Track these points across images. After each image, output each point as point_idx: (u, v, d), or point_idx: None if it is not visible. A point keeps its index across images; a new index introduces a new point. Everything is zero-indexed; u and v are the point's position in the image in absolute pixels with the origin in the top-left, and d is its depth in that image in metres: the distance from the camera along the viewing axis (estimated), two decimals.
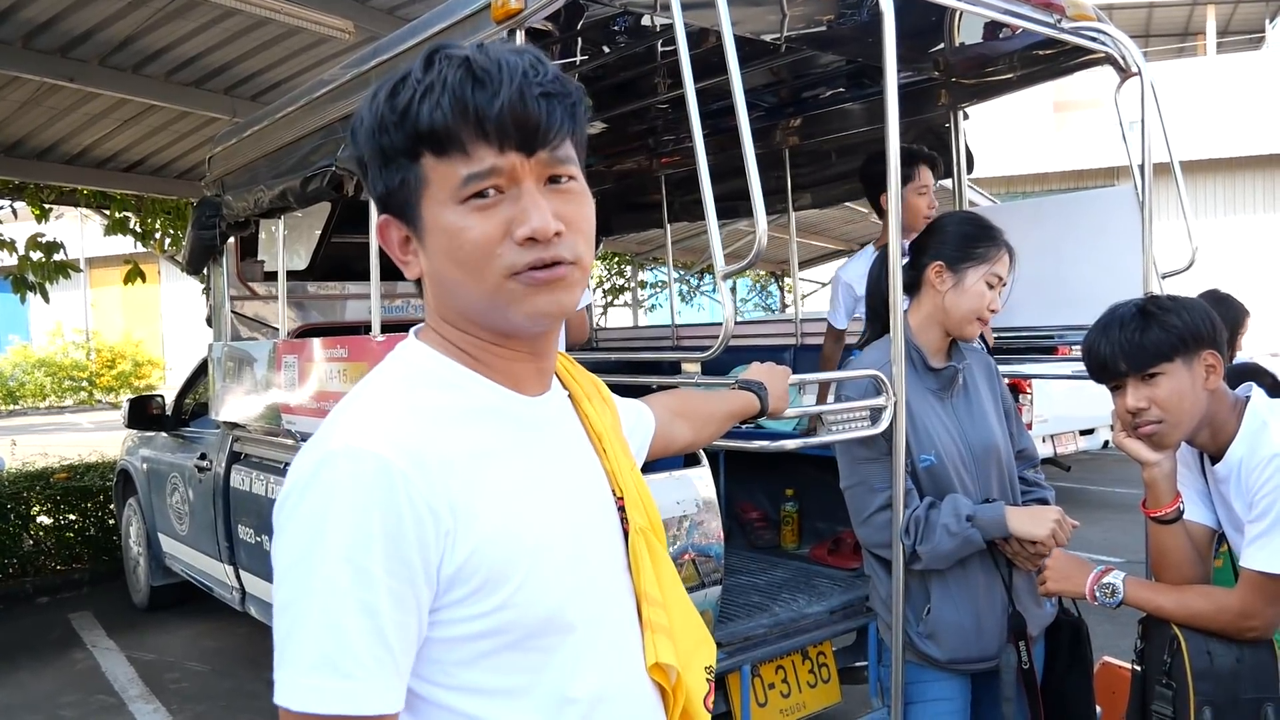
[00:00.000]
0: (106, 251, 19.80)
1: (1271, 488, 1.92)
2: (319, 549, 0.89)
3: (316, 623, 0.88)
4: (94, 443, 9.32)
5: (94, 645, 5.66)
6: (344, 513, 0.90)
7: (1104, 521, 7.55)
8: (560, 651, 1.00)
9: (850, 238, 10.01)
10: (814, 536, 4.16)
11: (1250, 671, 1.97)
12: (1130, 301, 2.12)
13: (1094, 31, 3.08)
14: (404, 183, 0.99)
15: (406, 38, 3.08)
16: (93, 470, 7.40)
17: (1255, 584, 1.95)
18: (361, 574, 0.88)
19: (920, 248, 2.43)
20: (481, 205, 0.97)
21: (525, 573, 0.97)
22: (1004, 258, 2.36)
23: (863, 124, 4.32)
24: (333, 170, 3.31)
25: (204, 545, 4.92)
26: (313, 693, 0.87)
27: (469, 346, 1.05)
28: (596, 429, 1.18)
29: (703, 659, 1.18)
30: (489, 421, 1.03)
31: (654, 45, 3.53)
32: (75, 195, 7.36)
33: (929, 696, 2.35)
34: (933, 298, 2.37)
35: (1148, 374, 2.01)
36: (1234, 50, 19.34)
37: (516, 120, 0.95)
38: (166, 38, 5.18)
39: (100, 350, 23.58)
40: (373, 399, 1.01)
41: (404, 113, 0.96)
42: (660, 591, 1.13)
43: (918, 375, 2.37)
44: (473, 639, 0.96)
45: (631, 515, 1.14)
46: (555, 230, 0.97)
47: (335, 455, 0.93)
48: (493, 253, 0.97)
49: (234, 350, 4.55)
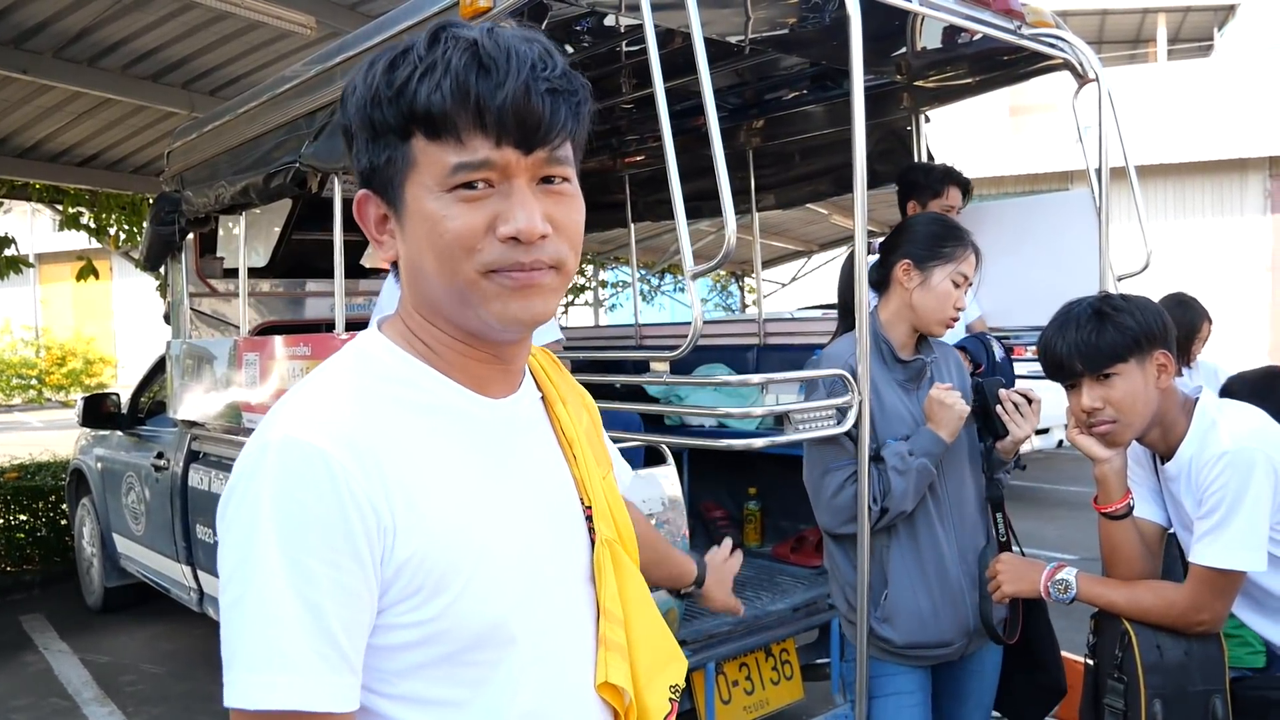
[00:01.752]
0: (57, 247, 19.45)
1: (1220, 485, 1.97)
2: (257, 546, 0.86)
3: (260, 620, 0.85)
4: (44, 441, 9.15)
5: (46, 648, 5.55)
6: (280, 507, 0.87)
7: (1060, 519, 7.68)
8: (502, 665, 0.96)
9: (811, 238, 10.08)
10: (777, 535, 4.20)
11: (1199, 665, 2.02)
12: (1084, 300, 2.16)
13: (1053, 38, 3.14)
14: (390, 161, 0.95)
15: (373, 34, 3.07)
16: (44, 469, 7.26)
17: (1204, 579, 2.00)
18: (300, 570, 0.85)
19: (889, 246, 2.49)
20: (468, 196, 0.93)
21: (465, 582, 0.93)
22: (970, 258, 2.42)
23: (826, 126, 4.36)
24: (297, 167, 3.28)
25: (161, 545, 4.85)
26: (262, 689, 0.84)
27: (432, 340, 1.01)
28: (568, 435, 1.13)
29: (669, 678, 1.13)
30: (441, 421, 0.99)
31: (619, 45, 3.54)
32: (27, 190, 7.21)
33: (890, 690, 2.39)
34: (900, 295, 2.43)
35: (1103, 374, 2.06)
36: (1184, 57, 19.74)
37: (518, 115, 0.91)
38: (124, 30, 5.10)
39: (50, 348, 23.12)
40: (318, 389, 0.97)
41: (400, 89, 0.92)
42: (623, 607, 1.08)
43: (886, 367, 2.42)
44: (410, 647, 0.92)
45: (598, 526, 1.09)
46: (541, 233, 0.94)
47: (272, 446, 0.89)
48: (472, 246, 0.93)
49: (193, 348, 4.49)
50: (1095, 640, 2.19)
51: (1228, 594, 2.01)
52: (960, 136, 14.02)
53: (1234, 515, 1.94)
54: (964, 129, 14.51)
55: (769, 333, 4.84)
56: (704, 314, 1.89)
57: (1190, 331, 4.11)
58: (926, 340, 2.51)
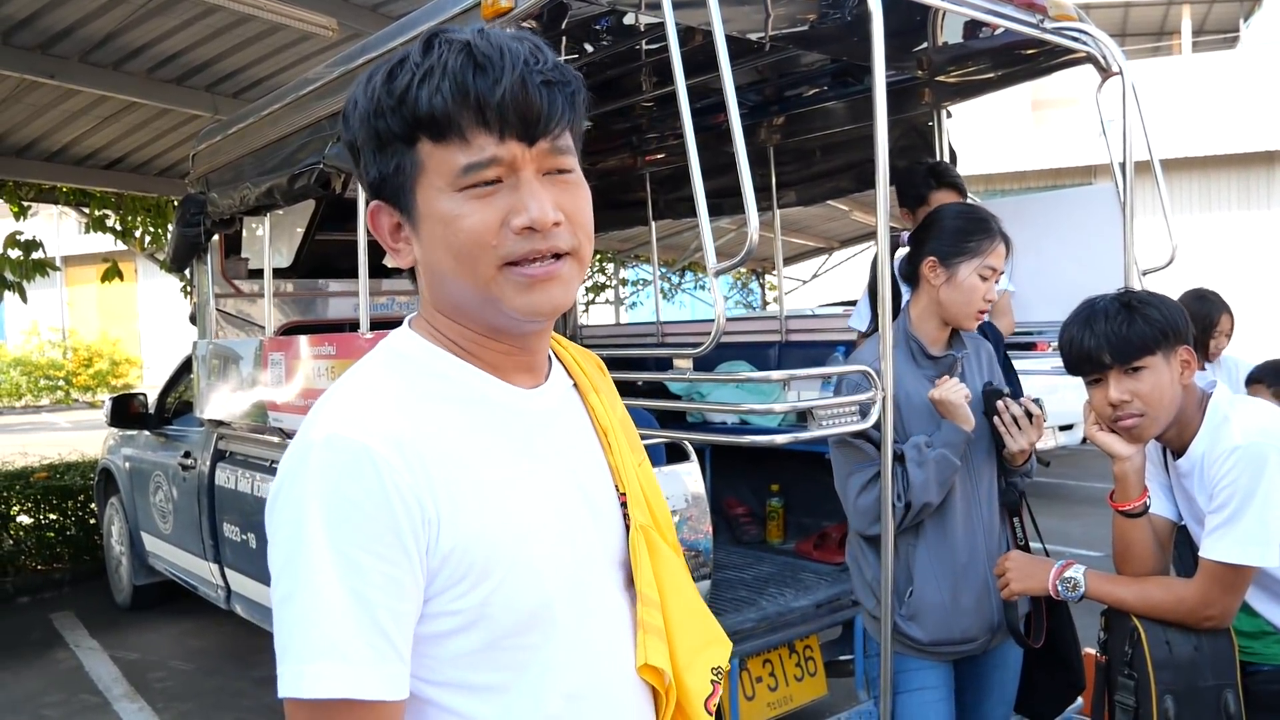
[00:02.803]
0: (83, 250, 19.64)
1: (1231, 480, 1.96)
2: (306, 541, 0.89)
3: (312, 614, 0.87)
4: (72, 442, 9.25)
5: (77, 645, 5.62)
6: (328, 503, 0.89)
7: (1084, 516, 7.62)
8: (544, 649, 0.99)
9: (831, 235, 10.05)
10: (799, 531, 4.20)
11: (1209, 660, 2.01)
12: (1105, 295, 2.15)
13: (1076, 31, 3.12)
14: (399, 168, 0.97)
15: (395, 35, 3.09)
16: (73, 469, 7.35)
17: (1214, 574, 1.99)
18: (350, 563, 0.88)
19: (917, 241, 2.48)
20: (480, 194, 0.95)
21: (509, 568, 0.96)
22: (998, 249, 2.39)
23: (846, 122, 4.35)
24: (320, 168, 3.31)
25: (188, 544, 4.90)
26: (316, 680, 0.86)
27: (459, 338, 1.04)
28: (602, 423, 1.15)
29: (711, 659, 1.15)
30: (477, 412, 1.01)
31: (639, 44, 3.54)
32: (54, 193, 7.29)
33: (914, 685, 2.39)
34: (928, 291, 2.42)
35: (1131, 367, 2.04)
36: (1209, 49, 19.53)
37: (518, 108, 0.94)
38: (148, 34, 5.15)
39: (77, 349, 23.35)
40: (357, 387, 0.99)
41: (401, 97, 0.94)
42: (659, 591, 1.10)
43: (916, 364, 2.41)
44: (455, 634, 0.95)
45: (633, 512, 1.12)
46: (554, 220, 0.96)
47: (316, 445, 0.92)
48: (488, 242, 0.95)
49: (219, 348, 4.53)
50: (1106, 637, 2.18)
51: (1238, 589, 2.00)
52: (982, 131, 13.94)
53: (1245, 510, 1.94)
54: (986, 124, 14.42)
55: (790, 330, 4.83)
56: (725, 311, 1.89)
57: (1207, 325, 4.05)
58: (959, 335, 2.50)
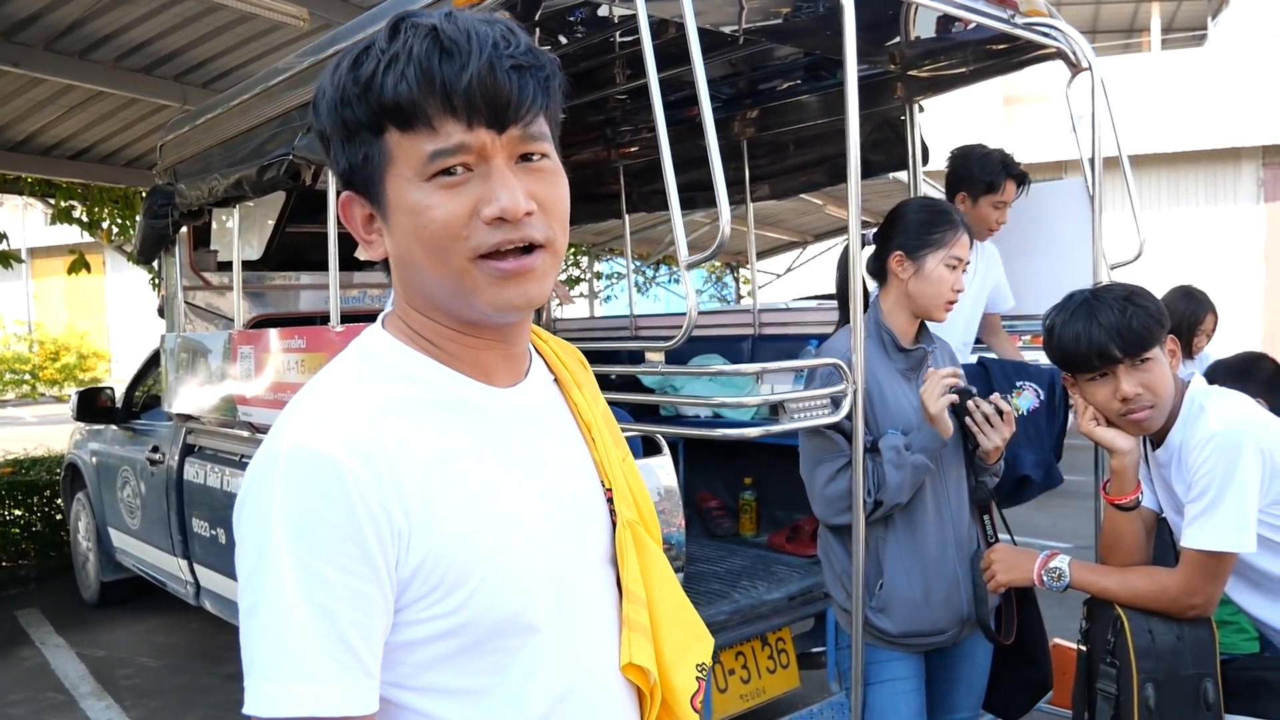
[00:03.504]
0: (49, 242, 19.38)
1: (1209, 469, 1.98)
2: (270, 553, 0.87)
3: (275, 628, 0.86)
4: (38, 436, 9.13)
5: (42, 642, 5.55)
6: (292, 515, 0.87)
7: (1051, 509, 7.66)
8: (524, 651, 0.97)
9: (805, 229, 10.09)
10: (772, 524, 4.21)
11: (1190, 649, 2.04)
12: (1087, 290, 2.16)
13: (1046, 27, 3.14)
14: (367, 158, 0.94)
15: (366, 25, 3.06)
16: (39, 464, 7.25)
17: (1195, 563, 2.02)
18: (314, 576, 0.86)
19: (883, 237, 2.50)
20: (448, 183, 0.92)
21: (484, 574, 0.94)
22: (961, 239, 2.41)
23: (820, 116, 4.35)
24: (290, 159, 3.27)
25: (156, 539, 4.85)
26: (278, 698, 0.85)
27: (433, 335, 1.01)
28: (585, 418, 1.13)
29: (695, 656, 1.13)
30: (451, 415, 0.98)
31: (612, 36, 3.53)
32: (19, 183, 7.18)
33: (885, 676, 2.40)
34: (897, 285, 2.44)
35: (1142, 359, 2.05)
36: (1178, 47, 19.75)
37: (486, 94, 0.90)
38: (115, 22, 5.08)
39: (43, 342, 23.05)
40: (326, 392, 0.96)
41: (367, 84, 0.91)
42: (646, 587, 1.09)
43: (888, 356, 2.43)
44: (431, 640, 0.93)
45: (619, 508, 1.10)
46: (526, 210, 0.93)
47: (282, 455, 0.90)
48: (459, 234, 0.92)
49: (188, 341, 4.48)
50: (1088, 626, 2.20)
51: (1219, 577, 2.03)
52: (954, 126, 14.03)
53: (1223, 498, 1.96)
54: (957, 119, 14.51)
55: (764, 323, 4.85)
56: (699, 305, 1.89)
57: (1194, 323, 4.09)
58: (926, 329, 2.52)
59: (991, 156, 3.57)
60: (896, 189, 6.66)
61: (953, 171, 3.64)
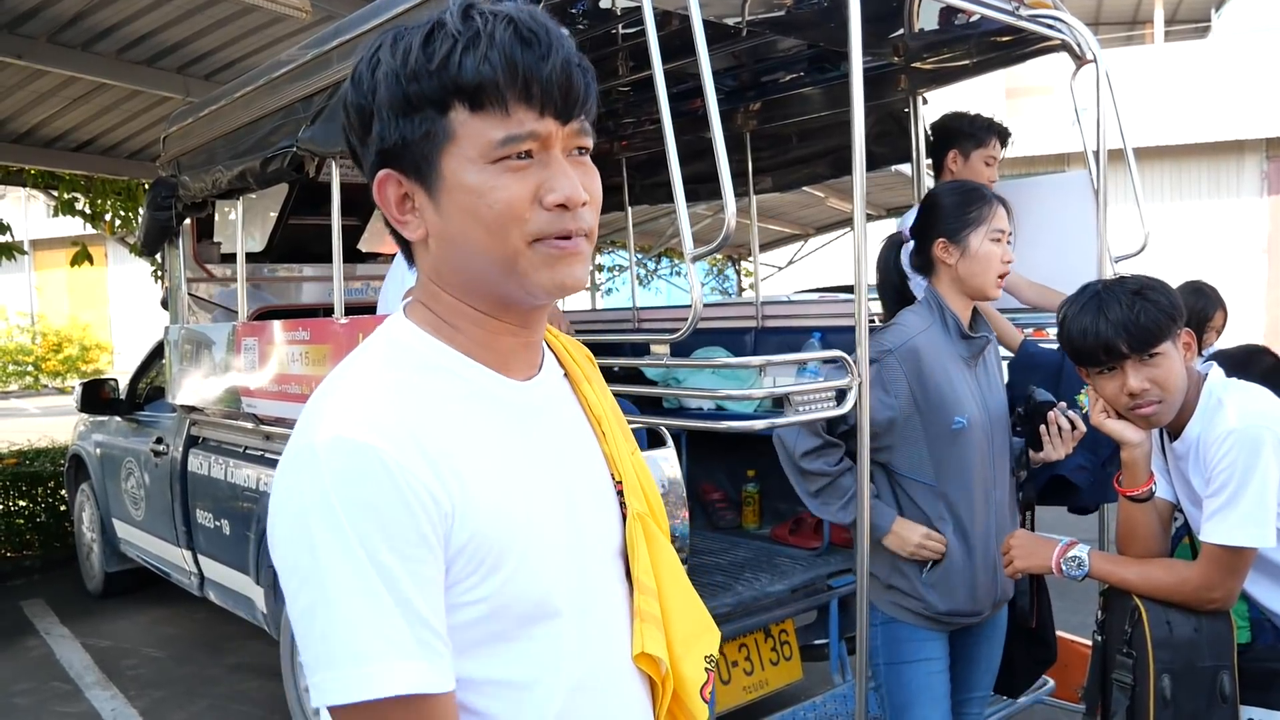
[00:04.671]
0: (52, 233, 19.37)
1: (1228, 463, 1.98)
2: (329, 549, 0.86)
3: (352, 619, 0.86)
4: (42, 428, 9.14)
5: (47, 632, 5.57)
6: (345, 509, 0.86)
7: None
8: (549, 640, 0.99)
9: (807, 222, 10.07)
10: (775, 517, 4.21)
11: (1208, 641, 2.04)
12: (1102, 282, 2.15)
13: (1051, 19, 3.14)
14: (428, 135, 0.95)
15: (369, 17, 3.06)
16: (43, 455, 7.27)
17: (1215, 557, 2.01)
18: (380, 568, 0.86)
19: (921, 229, 2.51)
20: (514, 166, 0.94)
21: (519, 559, 0.96)
22: (999, 211, 2.44)
23: (823, 108, 4.35)
24: (294, 151, 3.28)
25: (161, 530, 4.87)
26: (376, 679, 0.85)
27: (460, 321, 1.02)
28: (596, 413, 1.15)
29: (704, 648, 1.15)
30: (477, 406, 1.00)
31: (615, 28, 3.53)
32: (22, 175, 7.18)
33: (921, 655, 2.43)
34: (947, 272, 2.45)
35: (1150, 354, 2.05)
36: (1181, 39, 19.69)
37: (562, 87, 0.94)
38: (118, 14, 5.07)
39: (46, 334, 23.06)
40: (357, 382, 0.96)
41: (444, 62, 0.92)
42: (656, 579, 1.11)
43: (951, 341, 2.44)
44: (468, 626, 0.94)
45: (629, 500, 1.12)
46: (583, 200, 0.97)
47: (321, 448, 0.89)
48: (521, 216, 0.95)
49: (192, 333, 4.49)
50: (1104, 616, 2.20)
51: (1239, 571, 2.02)
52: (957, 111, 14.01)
53: (1243, 492, 1.95)
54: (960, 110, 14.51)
55: (766, 315, 4.84)
56: (702, 297, 1.90)
57: (1204, 319, 4.09)
58: (979, 315, 2.53)
59: (976, 115, 3.63)
60: (899, 182, 6.65)
61: (941, 132, 3.66)
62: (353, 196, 3.27)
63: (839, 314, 4.43)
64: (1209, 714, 2.02)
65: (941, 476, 2.38)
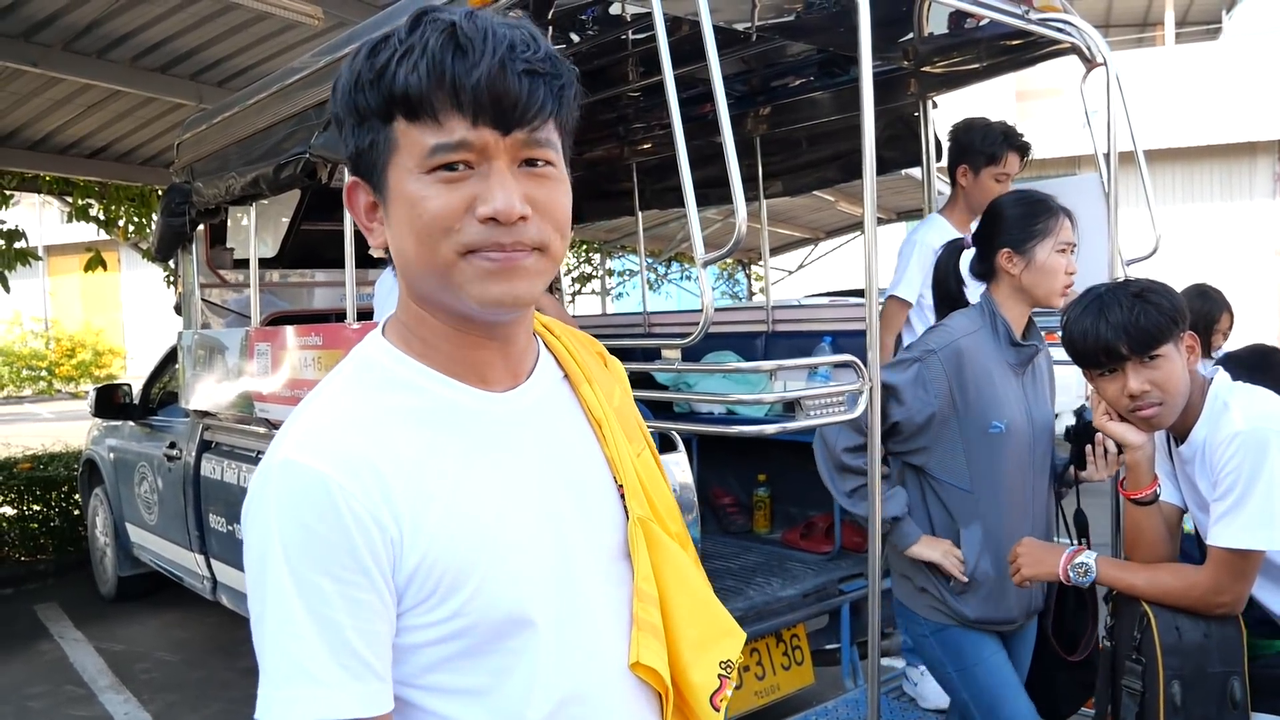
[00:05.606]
0: (65, 239, 19.49)
1: (1234, 466, 1.97)
2: (270, 566, 0.89)
3: (280, 638, 0.89)
4: (55, 432, 9.20)
5: (61, 636, 5.60)
6: (285, 529, 0.89)
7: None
8: (527, 653, 0.98)
9: (817, 225, 10.07)
10: (786, 521, 4.21)
11: (1217, 646, 2.03)
12: (1106, 285, 2.16)
13: (1061, 22, 3.13)
14: (373, 144, 0.95)
15: (381, 24, 3.07)
16: (56, 460, 7.31)
17: (1223, 561, 2.00)
18: (312, 589, 0.88)
19: (984, 237, 2.50)
20: (447, 177, 0.92)
21: (480, 579, 0.95)
22: (1065, 224, 2.44)
23: (832, 112, 4.36)
24: (307, 157, 3.30)
25: (174, 534, 4.89)
26: (289, 705, 0.87)
27: (429, 333, 1.01)
28: (596, 415, 1.12)
29: (720, 653, 1.11)
30: (443, 422, 0.99)
31: (624, 34, 3.54)
32: (37, 182, 7.24)
33: (985, 652, 2.42)
34: (1009, 281, 2.45)
35: (1150, 356, 2.05)
36: (1192, 40, 19.61)
37: (494, 94, 0.91)
38: (132, 22, 5.11)
39: (59, 339, 23.20)
40: (319, 406, 0.98)
41: (380, 72, 0.92)
42: (660, 584, 1.07)
43: (1000, 347, 2.44)
44: (433, 644, 0.95)
45: (630, 504, 1.09)
46: (520, 214, 0.93)
47: (275, 470, 0.93)
48: (450, 227, 0.92)
49: (205, 338, 4.52)
50: (1113, 623, 2.19)
51: (1248, 575, 2.01)
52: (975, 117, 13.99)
53: (1250, 495, 1.95)
54: (970, 114, 14.49)
55: (777, 320, 4.85)
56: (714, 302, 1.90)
57: (1210, 322, 4.07)
58: (1033, 326, 2.53)
59: (994, 128, 3.55)
60: (910, 185, 6.64)
61: (954, 144, 3.62)
62: None
63: (850, 318, 4.44)
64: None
65: (976, 481, 2.38)
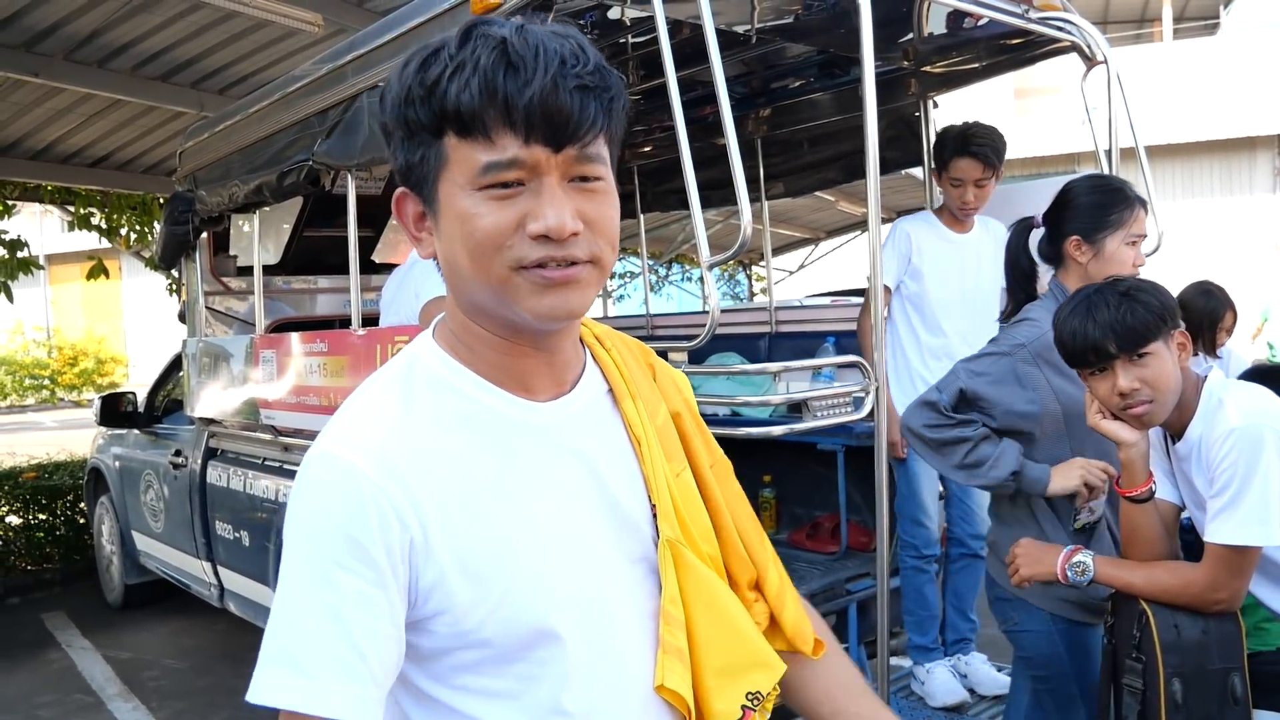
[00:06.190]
0: (67, 248, 19.53)
1: (1230, 462, 1.98)
2: (293, 551, 0.91)
3: (284, 622, 0.90)
4: (59, 441, 9.20)
5: (69, 645, 5.61)
6: (310, 516, 0.91)
7: None
8: (552, 664, 0.97)
9: (818, 225, 10.09)
10: (792, 522, 4.22)
11: (1216, 643, 2.03)
12: (1095, 284, 2.17)
13: (1060, 21, 3.15)
14: (424, 159, 0.95)
15: (383, 31, 3.09)
16: (62, 469, 7.31)
17: (1220, 557, 2.01)
18: (320, 575, 0.89)
19: (1054, 221, 2.46)
20: (499, 195, 0.92)
21: (504, 590, 0.94)
22: (1139, 215, 2.38)
23: (833, 113, 4.37)
24: (310, 164, 3.31)
25: (180, 542, 4.90)
26: (272, 688, 0.87)
27: (476, 340, 1.01)
28: (636, 432, 1.09)
29: (749, 684, 1.07)
30: (482, 429, 0.99)
31: (625, 37, 3.55)
32: (39, 191, 7.25)
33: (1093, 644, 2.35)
34: (1076, 269, 2.41)
35: (1139, 354, 2.05)
36: (1190, 36, 19.62)
37: (546, 112, 0.90)
38: (133, 31, 5.13)
39: (61, 348, 23.21)
40: (365, 401, 1.00)
41: (432, 88, 0.92)
42: (687, 609, 1.05)
43: None
44: (457, 650, 0.95)
45: (661, 526, 1.07)
46: (572, 230, 0.92)
47: (313, 460, 0.95)
48: (502, 244, 0.92)
49: (209, 346, 4.53)
50: (1112, 621, 2.20)
51: (1245, 571, 2.02)
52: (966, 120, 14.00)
53: (1246, 491, 1.95)
54: (970, 113, 14.48)
55: (780, 321, 4.86)
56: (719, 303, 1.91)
57: (1213, 320, 4.07)
58: None
59: (951, 131, 3.42)
60: (911, 184, 6.66)
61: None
62: (367, 208, 3.30)
63: (852, 318, 4.44)
64: (1221, 717, 2.01)
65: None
